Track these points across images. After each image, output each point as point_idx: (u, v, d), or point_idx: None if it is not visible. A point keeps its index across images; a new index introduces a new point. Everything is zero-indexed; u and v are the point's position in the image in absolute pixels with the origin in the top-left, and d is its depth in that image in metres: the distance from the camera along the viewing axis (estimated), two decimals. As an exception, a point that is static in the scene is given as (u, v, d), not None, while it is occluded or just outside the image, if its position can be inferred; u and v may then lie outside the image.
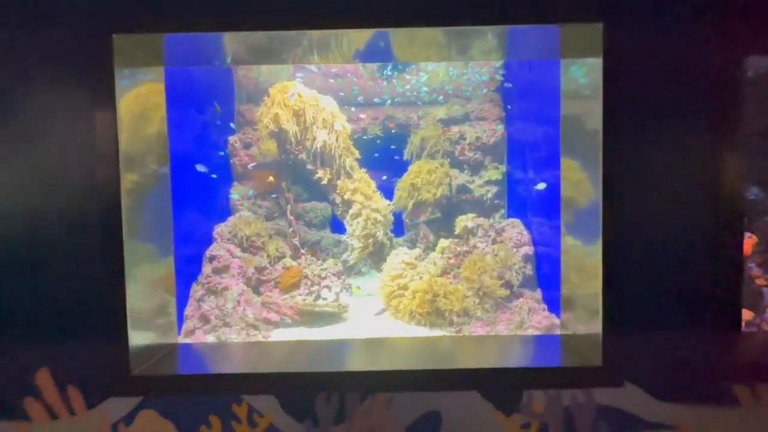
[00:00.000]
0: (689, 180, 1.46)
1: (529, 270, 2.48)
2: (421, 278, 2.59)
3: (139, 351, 1.59)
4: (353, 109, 3.10)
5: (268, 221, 3.10)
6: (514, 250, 2.52)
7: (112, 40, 1.47)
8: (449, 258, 2.67)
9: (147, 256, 1.70)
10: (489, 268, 2.38)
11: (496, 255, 2.48)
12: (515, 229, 2.64)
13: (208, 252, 2.51)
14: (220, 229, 2.67)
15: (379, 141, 3.36)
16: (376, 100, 3.21)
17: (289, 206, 2.91)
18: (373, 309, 2.70)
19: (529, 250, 2.53)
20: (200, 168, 2.28)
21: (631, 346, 1.47)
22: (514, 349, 1.81)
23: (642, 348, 1.48)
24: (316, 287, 2.73)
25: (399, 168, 3.31)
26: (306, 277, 2.75)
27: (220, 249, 2.53)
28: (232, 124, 2.64)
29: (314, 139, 2.73)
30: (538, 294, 2.43)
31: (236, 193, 2.99)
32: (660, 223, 1.46)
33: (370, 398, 1.49)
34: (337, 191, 2.87)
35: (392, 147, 3.36)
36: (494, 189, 3.22)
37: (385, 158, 3.34)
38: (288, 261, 2.78)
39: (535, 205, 2.62)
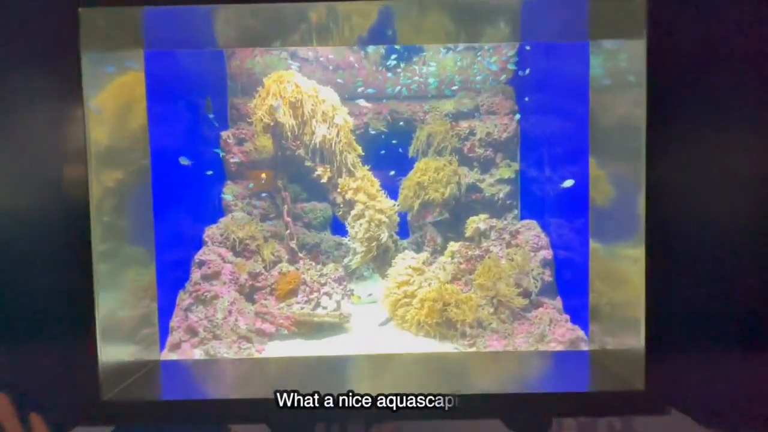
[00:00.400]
0: (745, 179, 1.27)
1: (548, 276, 2.28)
2: (429, 285, 2.39)
3: (114, 370, 1.39)
4: (363, 101, 2.87)
5: (264, 223, 2.90)
6: (531, 254, 2.32)
7: (79, 15, 1.27)
8: (460, 263, 2.46)
9: (124, 262, 1.51)
10: (505, 275, 2.17)
11: (511, 260, 2.28)
12: (532, 232, 2.44)
13: (197, 257, 2.31)
14: (211, 232, 2.47)
15: (383, 137, 3.16)
16: (369, 90, 3.00)
17: (285, 206, 2.70)
18: (377, 318, 2.50)
19: (547, 254, 2.32)
20: (183, 161, 2.08)
21: (678, 367, 1.29)
22: (538, 367, 1.61)
23: (690, 369, 1.29)
24: (315, 294, 2.53)
25: (404, 165, 3.11)
26: (304, 283, 2.55)
27: (210, 253, 2.33)
28: (210, 116, 2.41)
29: (313, 133, 2.52)
30: (559, 303, 2.23)
31: (229, 192, 2.79)
32: (711, 228, 1.27)
33: (376, 428, 1.30)
34: (338, 190, 2.67)
35: (393, 142, 3.16)
36: (506, 188, 3.01)
37: (390, 155, 3.14)
38: (285, 266, 2.58)
39: (552, 205, 2.42)
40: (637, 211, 1.30)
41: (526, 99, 2.65)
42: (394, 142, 3.18)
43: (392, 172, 3.06)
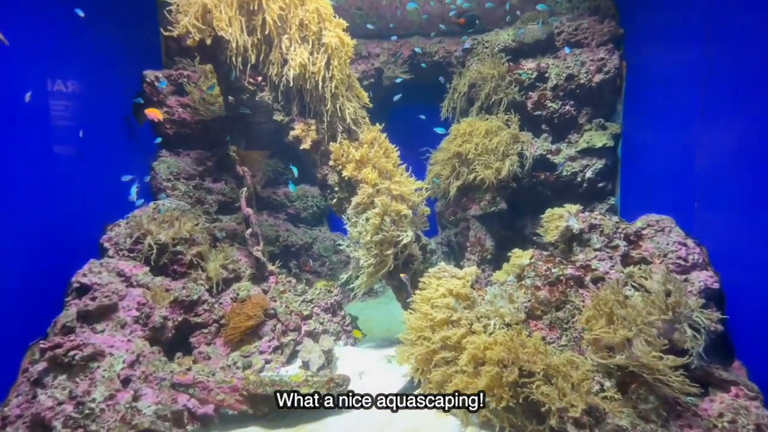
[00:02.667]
0: None
1: (715, 321, 1.22)
2: (486, 329, 1.35)
3: None
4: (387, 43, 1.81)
5: (222, 217, 1.90)
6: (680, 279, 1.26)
7: None
8: (536, 287, 1.42)
9: None
10: (641, 321, 1.12)
11: (640, 290, 1.23)
12: (668, 236, 1.38)
13: (76, 278, 1.31)
14: (115, 233, 1.47)
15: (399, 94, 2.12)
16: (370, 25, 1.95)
17: (244, 191, 1.68)
18: (391, 375, 1.48)
19: (708, 279, 1.27)
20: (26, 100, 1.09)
21: None
22: None
23: None
24: (290, 336, 1.52)
25: (433, 132, 2.07)
26: (273, 316, 1.54)
27: (103, 271, 1.32)
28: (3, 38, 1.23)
29: (284, 62, 1.47)
30: (743, 376, 1.18)
31: (163, 168, 1.78)
32: None
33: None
34: (330, 162, 1.62)
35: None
36: (597, 163, 1.96)
37: (415, 118, 2.10)
38: (244, 287, 1.58)
39: (714, 190, 1.35)
40: None
41: None
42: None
43: (440, 130, 1.99)
